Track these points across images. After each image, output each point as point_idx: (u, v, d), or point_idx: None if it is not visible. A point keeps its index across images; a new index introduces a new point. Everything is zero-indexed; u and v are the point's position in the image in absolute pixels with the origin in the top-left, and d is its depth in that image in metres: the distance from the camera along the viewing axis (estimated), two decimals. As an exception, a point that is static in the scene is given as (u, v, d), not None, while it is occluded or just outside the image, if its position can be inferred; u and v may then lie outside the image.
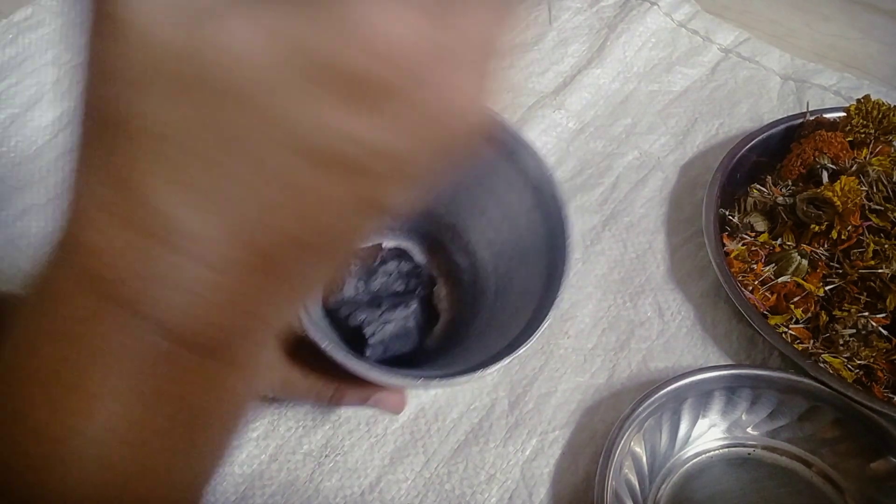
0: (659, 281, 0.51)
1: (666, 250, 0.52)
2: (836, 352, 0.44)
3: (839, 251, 0.47)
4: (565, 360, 0.47)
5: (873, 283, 0.45)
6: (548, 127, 0.59)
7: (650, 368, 0.46)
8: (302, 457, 0.42)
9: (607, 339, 0.48)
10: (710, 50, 0.65)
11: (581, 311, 0.49)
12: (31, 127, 0.57)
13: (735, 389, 0.43)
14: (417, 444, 0.43)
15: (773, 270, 0.47)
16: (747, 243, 0.49)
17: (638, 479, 0.41)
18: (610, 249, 0.52)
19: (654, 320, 0.49)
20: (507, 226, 0.43)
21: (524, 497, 0.41)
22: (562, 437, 0.43)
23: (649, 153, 0.58)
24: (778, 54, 0.64)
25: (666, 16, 0.67)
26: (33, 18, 0.63)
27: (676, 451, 0.43)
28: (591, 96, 0.62)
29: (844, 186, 0.46)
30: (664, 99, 0.62)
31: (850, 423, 0.42)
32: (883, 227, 0.47)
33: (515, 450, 0.43)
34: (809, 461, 0.43)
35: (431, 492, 0.41)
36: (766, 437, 0.43)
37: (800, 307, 0.46)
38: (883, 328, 0.44)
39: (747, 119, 0.60)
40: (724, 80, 0.63)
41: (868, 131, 0.51)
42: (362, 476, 0.41)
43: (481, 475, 0.42)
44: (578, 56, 0.65)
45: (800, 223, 0.48)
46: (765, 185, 0.51)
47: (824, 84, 0.62)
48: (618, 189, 0.56)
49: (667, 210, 0.54)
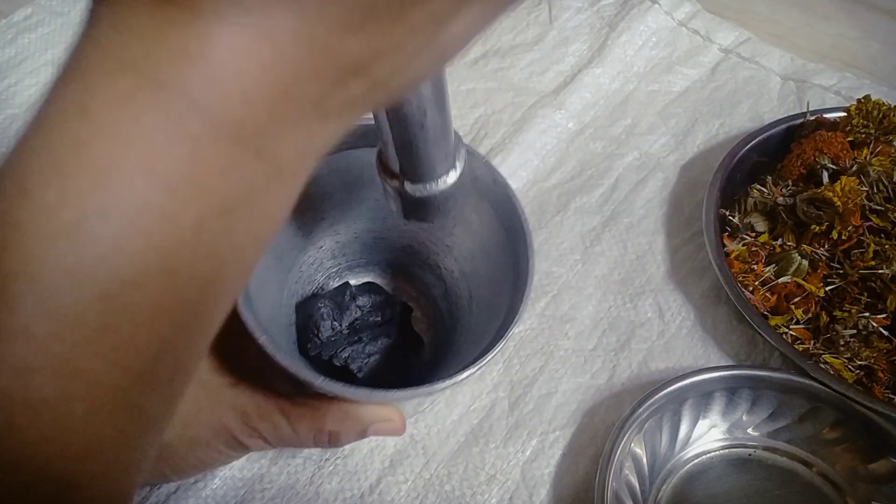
0: (659, 282, 0.50)
1: (666, 251, 0.52)
2: (836, 352, 0.44)
3: (840, 252, 0.47)
4: (565, 360, 0.47)
5: (874, 283, 0.45)
6: (548, 127, 0.59)
7: (650, 369, 0.46)
8: (302, 460, 0.42)
9: (607, 339, 0.48)
10: (710, 50, 0.65)
11: (581, 312, 0.49)
12: (30, 127, 0.57)
13: (735, 390, 0.43)
14: (417, 446, 0.43)
15: (773, 271, 0.47)
16: (748, 244, 0.49)
17: (638, 480, 0.41)
18: (610, 250, 0.52)
19: (654, 321, 0.49)
20: (470, 237, 0.42)
21: (524, 498, 0.41)
22: (562, 437, 0.43)
23: (649, 153, 0.58)
24: (778, 54, 0.64)
25: (667, 14, 0.67)
26: (33, 18, 0.63)
27: (677, 452, 0.43)
28: (592, 96, 0.62)
29: (845, 187, 0.46)
30: (664, 99, 0.62)
31: (851, 424, 0.42)
32: (883, 228, 0.47)
33: (516, 450, 0.43)
34: (810, 462, 0.43)
35: (431, 493, 0.41)
36: (766, 438, 0.43)
37: (800, 308, 0.46)
38: (883, 329, 0.44)
39: (747, 119, 0.60)
40: (724, 81, 0.63)
41: (868, 131, 0.51)
42: (362, 478, 0.41)
43: (481, 476, 0.42)
44: (579, 55, 0.65)
45: (800, 223, 0.48)
46: (765, 185, 0.51)
47: (825, 84, 0.62)
48: (618, 190, 0.55)
49: (667, 211, 0.54)
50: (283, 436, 0.35)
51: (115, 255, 0.15)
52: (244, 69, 0.15)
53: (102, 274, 0.15)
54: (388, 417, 0.37)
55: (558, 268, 0.51)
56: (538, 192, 0.55)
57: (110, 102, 0.14)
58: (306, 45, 0.15)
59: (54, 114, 0.15)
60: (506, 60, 0.64)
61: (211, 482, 0.40)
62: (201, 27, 0.14)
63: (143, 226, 0.15)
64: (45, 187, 0.14)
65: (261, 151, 0.16)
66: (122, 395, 0.16)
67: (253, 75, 0.15)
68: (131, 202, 0.15)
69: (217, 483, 0.40)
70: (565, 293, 0.50)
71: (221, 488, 0.40)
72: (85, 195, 0.14)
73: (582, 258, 0.51)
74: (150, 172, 0.15)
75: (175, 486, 0.40)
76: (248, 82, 0.15)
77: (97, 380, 0.15)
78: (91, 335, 0.15)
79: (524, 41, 0.66)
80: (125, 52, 0.14)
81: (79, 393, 0.15)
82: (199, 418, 0.34)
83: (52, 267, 0.14)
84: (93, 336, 0.15)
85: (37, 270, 0.14)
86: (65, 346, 0.15)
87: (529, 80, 0.63)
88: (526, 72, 0.63)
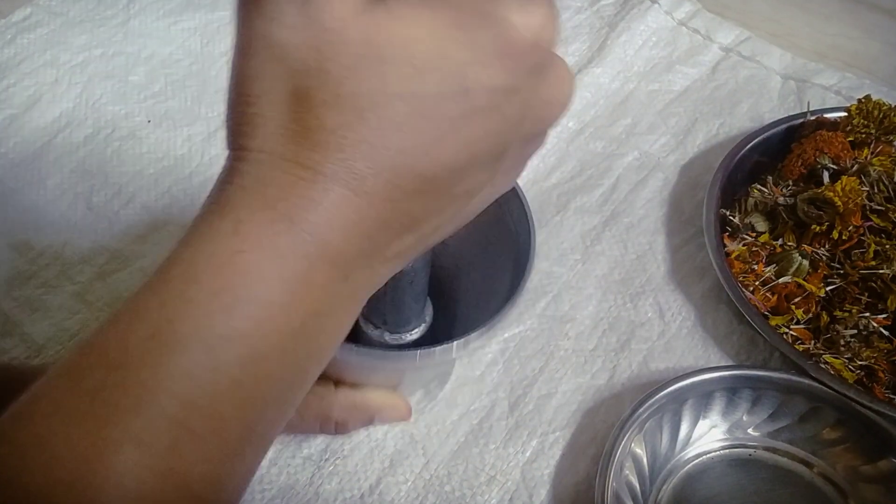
0: (659, 282, 0.50)
1: (666, 251, 0.52)
2: (837, 352, 0.44)
3: (840, 251, 0.47)
4: (566, 361, 0.46)
5: (874, 283, 0.45)
6: (547, 127, 0.59)
7: (651, 369, 0.46)
8: (302, 461, 0.42)
9: (608, 340, 0.48)
10: (710, 49, 0.65)
11: (581, 312, 0.49)
12: (29, 128, 0.57)
13: (736, 390, 0.43)
14: (417, 446, 0.43)
15: (773, 271, 0.47)
16: (748, 244, 0.48)
17: (639, 481, 0.41)
18: (610, 250, 0.52)
19: (654, 321, 0.48)
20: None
21: (524, 499, 0.41)
22: (562, 438, 0.43)
23: (649, 153, 0.58)
24: (779, 54, 0.64)
25: (667, 14, 0.67)
26: (32, 18, 0.63)
27: (677, 452, 0.43)
28: (592, 96, 0.61)
29: (845, 187, 0.46)
30: (664, 99, 0.62)
31: (851, 424, 0.42)
32: (884, 228, 0.47)
33: (516, 451, 0.43)
34: (810, 462, 0.43)
35: (431, 493, 0.41)
36: (766, 438, 0.43)
37: (801, 308, 0.46)
38: (884, 329, 0.44)
39: (748, 119, 0.60)
40: (724, 80, 0.63)
41: (869, 131, 0.51)
42: (362, 479, 0.41)
43: (481, 476, 0.42)
44: (579, 55, 0.65)
45: (800, 223, 0.48)
46: (765, 185, 0.51)
47: (825, 84, 0.62)
48: (618, 190, 0.55)
49: (667, 211, 0.54)
50: (290, 422, 0.37)
51: (255, 330, 0.20)
52: (347, 215, 0.20)
53: (242, 339, 0.20)
54: (393, 404, 0.39)
55: (558, 267, 0.51)
56: (538, 191, 0.55)
57: (256, 226, 0.20)
58: (389, 204, 0.21)
59: (213, 232, 0.20)
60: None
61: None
62: (322, 183, 0.20)
63: (271, 313, 0.20)
64: (210, 278, 0.20)
65: (347, 276, 0.22)
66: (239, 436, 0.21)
67: (352, 220, 0.21)
68: (266, 296, 0.20)
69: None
70: (565, 293, 0.50)
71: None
72: (238, 286, 0.20)
73: (582, 258, 0.51)
74: (280, 277, 0.20)
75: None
76: (348, 224, 0.21)
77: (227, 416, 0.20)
78: (230, 385, 0.20)
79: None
80: (267, 196, 0.20)
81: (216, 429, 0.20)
82: None
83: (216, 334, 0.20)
84: (230, 386, 0.20)
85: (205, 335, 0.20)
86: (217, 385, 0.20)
87: (529, 80, 0.63)
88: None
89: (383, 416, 0.39)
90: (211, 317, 0.20)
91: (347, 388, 0.38)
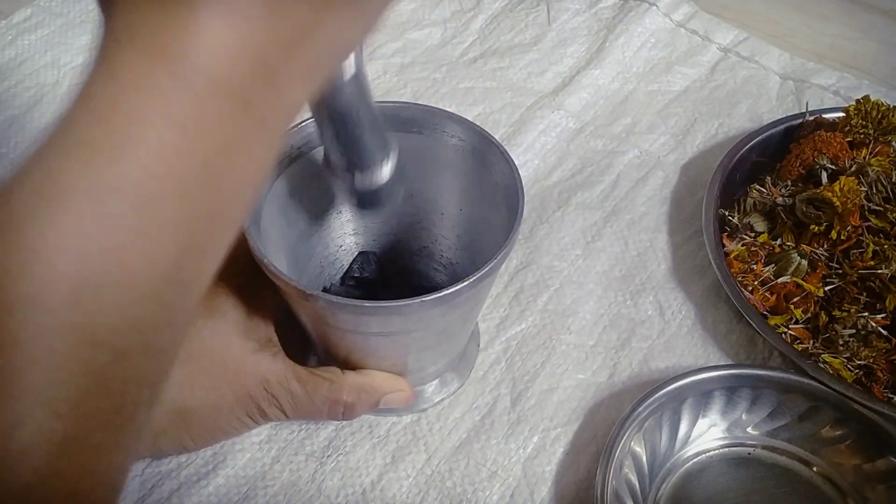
0: (660, 279, 0.51)
1: (667, 249, 0.52)
2: (835, 352, 0.44)
3: (839, 251, 0.47)
4: (567, 356, 0.47)
5: (873, 283, 0.45)
6: (547, 127, 0.59)
7: (651, 368, 0.47)
8: (304, 457, 0.42)
9: (608, 336, 0.48)
10: (709, 50, 0.65)
11: (582, 307, 0.49)
12: (30, 129, 0.57)
13: (735, 389, 0.43)
14: (419, 442, 0.43)
15: (772, 271, 0.47)
16: (747, 244, 0.49)
17: (638, 479, 0.41)
18: (611, 246, 0.52)
19: (654, 319, 0.49)
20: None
21: (525, 495, 0.41)
22: (563, 434, 0.44)
23: (650, 152, 0.58)
24: (777, 54, 0.64)
25: (665, 16, 0.67)
26: (32, 20, 0.63)
27: (676, 451, 0.43)
28: (591, 96, 0.62)
29: (844, 187, 0.46)
30: (664, 99, 0.62)
31: (850, 423, 0.42)
32: (882, 228, 0.47)
33: (517, 447, 0.43)
34: (809, 461, 0.43)
35: (433, 489, 0.41)
36: (766, 437, 0.44)
37: (799, 307, 0.46)
38: (882, 328, 0.44)
39: (747, 119, 0.60)
40: (723, 80, 0.63)
41: (867, 132, 0.52)
42: (364, 475, 0.42)
43: (483, 472, 0.42)
44: (577, 57, 0.65)
45: (799, 223, 0.48)
46: (764, 185, 0.51)
47: (824, 84, 0.62)
48: (618, 187, 0.56)
49: (668, 209, 0.55)
50: (299, 405, 0.38)
51: (144, 174, 0.19)
52: (228, 39, 0.20)
53: (133, 186, 0.19)
54: (399, 388, 0.40)
55: (559, 262, 0.51)
56: (539, 189, 0.56)
57: (132, 68, 0.19)
58: (267, 17, 0.20)
59: (90, 88, 0.20)
60: (504, 60, 0.64)
61: (214, 479, 0.40)
62: (192, 13, 0.19)
63: (163, 155, 0.19)
64: (90, 128, 0.19)
65: (247, 105, 0.21)
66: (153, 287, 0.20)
67: (235, 43, 0.20)
68: (154, 139, 0.19)
69: (220, 480, 0.40)
70: (567, 288, 0.50)
71: (224, 486, 0.40)
72: (120, 133, 0.19)
73: (583, 253, 0.52)
74: (166, 117, 0.19)
75: (178, 484, 0.40)
76: (232, 48, 0.20)
77: (136, 268, 0.20)
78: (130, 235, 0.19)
79: (522, 42, 0.66)
80: (139, 39, 0.19)
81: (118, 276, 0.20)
82: (225, 381, 0.36)
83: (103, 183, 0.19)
84: (130, 237, 0.19)
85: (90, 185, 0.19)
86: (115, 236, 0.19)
87: (528, 81, 0.63)
88: (524, 72, 0.64)
89: (388, 400, 0.40)
90: (94, 167, 0.19)
91: (355, 373, 0.39)
